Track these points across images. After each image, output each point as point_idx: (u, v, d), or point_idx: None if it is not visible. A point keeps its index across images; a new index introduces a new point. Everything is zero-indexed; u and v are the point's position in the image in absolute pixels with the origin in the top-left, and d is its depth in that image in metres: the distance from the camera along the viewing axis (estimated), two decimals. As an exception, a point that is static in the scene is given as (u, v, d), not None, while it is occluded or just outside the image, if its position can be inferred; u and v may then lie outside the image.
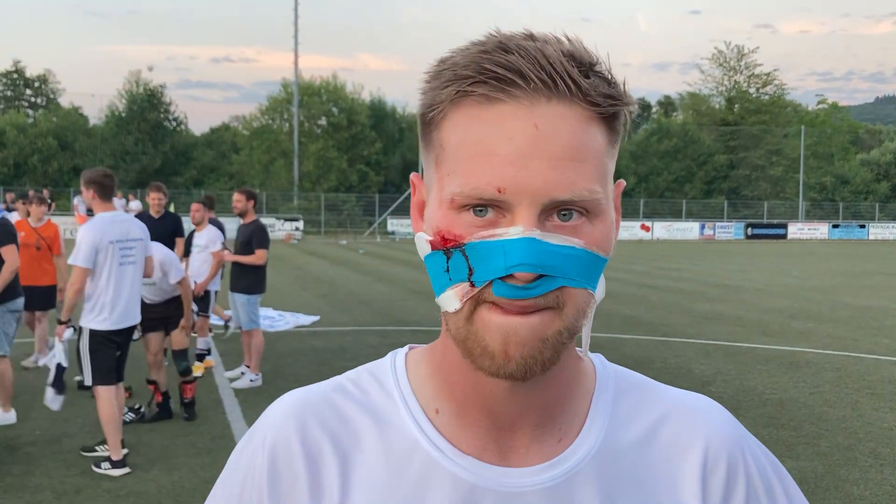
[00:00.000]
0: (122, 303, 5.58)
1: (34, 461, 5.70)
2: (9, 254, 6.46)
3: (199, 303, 8.45)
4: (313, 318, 12.20)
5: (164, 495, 5.10)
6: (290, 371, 8.61)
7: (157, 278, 6.52)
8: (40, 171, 45.48)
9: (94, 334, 5.52)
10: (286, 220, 39.54)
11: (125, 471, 5.45)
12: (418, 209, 0.85)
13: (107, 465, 5.48)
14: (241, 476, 0.87)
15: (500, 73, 0.73)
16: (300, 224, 39.63)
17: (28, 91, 57.77)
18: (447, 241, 0.76)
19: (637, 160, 53.52)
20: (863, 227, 48.65)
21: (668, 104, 66.96)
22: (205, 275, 8.63)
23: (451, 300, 0.77)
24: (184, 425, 6.64)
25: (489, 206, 0.74)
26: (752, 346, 10.47)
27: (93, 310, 5.54)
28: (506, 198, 0.73)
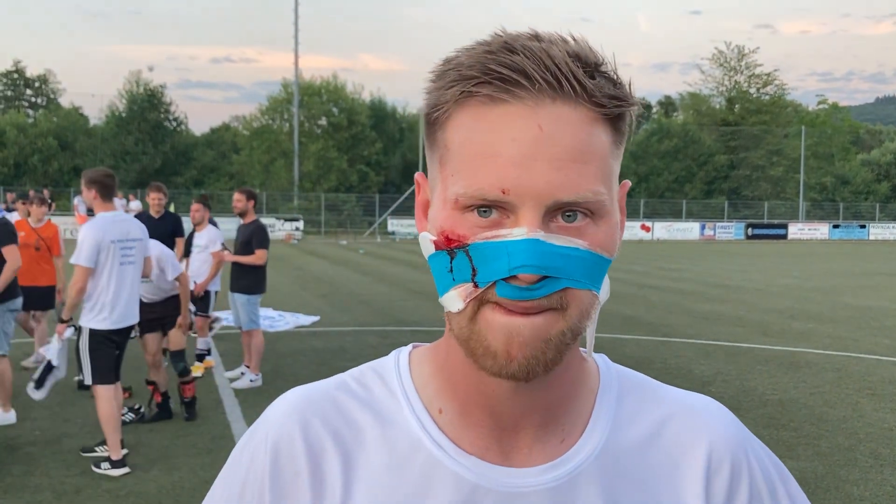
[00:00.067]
0: (122, 302, 5.60)
1: (34, 461, 5.69)
2: (10, 253, 6.47)
3: (199, 303, 8.45)
4: (313, 319, 12.20)
5: (164, 495, 5.10)
6: (290, 371, 8.61)
7: (154, 275, 6.51)
8: (40, 171, 45.53)
9: (94, 334, 5.53)
10: (286, 220, 39.56)
11: (125, 471, 5.45)
12: (422, 209, 0.84)
13: (106, 465, 5.48)
14: (243, 472, 0.87)
15: (505, 74, 0.73)
16: (300, 224, 39.65)
17: (28, 91, 57.86)
18: (451, 242, 0.76)
19: (637, 160, 53.53)
20: (863, 227, 48.68)
21: (668, 104, 67.04)
22: (205, 275, 8.62)
23: (454, 300, 0.76)
24: (184, 425, 6.64)
25: (493, 207, 0.74)
26: (753, 346, 10.47)
27: (93, 309, 5.54)
28: (510, 199, 0.73)
